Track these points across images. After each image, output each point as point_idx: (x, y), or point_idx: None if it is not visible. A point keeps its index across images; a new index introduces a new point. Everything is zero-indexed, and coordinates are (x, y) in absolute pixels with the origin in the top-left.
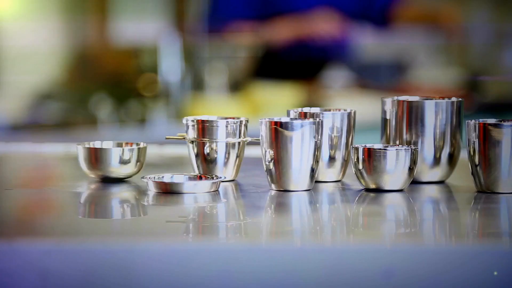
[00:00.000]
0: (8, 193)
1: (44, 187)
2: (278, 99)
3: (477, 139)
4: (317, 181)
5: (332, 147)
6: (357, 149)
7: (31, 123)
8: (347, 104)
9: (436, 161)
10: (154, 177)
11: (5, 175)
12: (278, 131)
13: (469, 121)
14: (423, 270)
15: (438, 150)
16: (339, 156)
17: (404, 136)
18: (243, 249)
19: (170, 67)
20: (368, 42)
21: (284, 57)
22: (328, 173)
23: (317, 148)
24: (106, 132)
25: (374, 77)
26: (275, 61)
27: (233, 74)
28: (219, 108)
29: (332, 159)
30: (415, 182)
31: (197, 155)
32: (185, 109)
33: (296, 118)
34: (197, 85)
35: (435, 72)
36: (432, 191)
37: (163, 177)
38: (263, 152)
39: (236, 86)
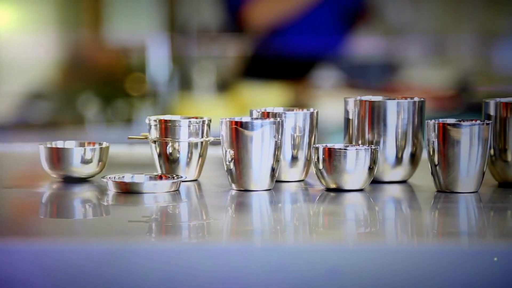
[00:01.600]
0: None
1: (4, 187)
2: (266, 99)
3: (436, 139)
4: (280, 181)
5: (294, 146)
6: (317, 148)
7: (20, 123)
8: (336, 104)
9: (398, 160)
10: (115, 177)
11: None
12: (238, 131)
13: (429, 121)
14: (383, 269)
15: (400, 149)
16: (302, 155)
17: (367, 136)
18: (204, 249)
19: (158, 67)
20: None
21: (274, 57)
22: (290, 173)
23: (278, 147)
24: (93, 131)
25: (364, 77)
26: (264, 61)
27: (221, 74)
28: (206, 108)
29: (294, 158)
30: (377, 182)
31: (159, 155)
32: (172, 109)
33: (257, 118)
34: (185, 85)
35: (425, 72)
36: (393, 191)
37: (123, 177)
38: (224, 152)
39: (224, 86)
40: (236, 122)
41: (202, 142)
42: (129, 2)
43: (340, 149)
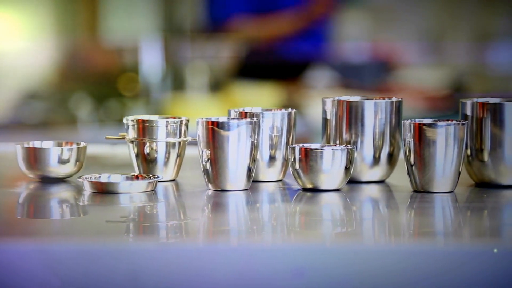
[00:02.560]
0: None
1: None
2: (259, 99)
3: (412, 139)
4: (258, 181)
5: (272, 146)
6: (293, 149)
7: (14, 123)
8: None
9: (376, 160)
10: (91, 177)
11: None
12: (214, 131)
13: (405, 121)
14: (359, 268)
15: (377, 149)
16: (280, 155)
17: (344, 136)
18: (179, 249)
19: (151, 67)
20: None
21: (267, 57)
22: (268, 173)
23: (254, 147)
24: (85, 131)
25: (358, 77)
26: (258, 61)
27: (215, 74)
28: (199, 108)
29: (272, 158)
30: (355, 182)
31: (137, 155)
32: (165, 109)
33: (234, 118)
34: (178, 85)
35: (419, 72)
36: (370, 191)
37: (100, 177)
38: (200, 152)
39: (217, 86)
40: (213, 122)
41: (180, 142)
42: (123, 3)
43: (316, 149)
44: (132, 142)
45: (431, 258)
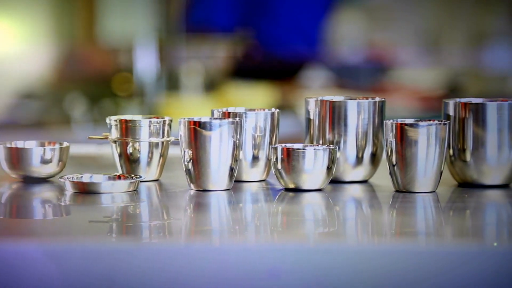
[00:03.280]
0: None
1: None
2: (253, 100)
3: (394, 139)
4: (241, 181)
5: (255, 146)
6: (276, 148)
7: (8, 123)
8: None
9: (359, 160)
10: (73, 177)
11: None
12: (196, 131)
13: (387, 121)
14: (340, 268)
15: (360, 149)
16: (263, 155)
17: (327, 136)
18: (162, 249)
19: (146, 67)
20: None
21: (263, 57)
22: (252, 173)
23: (236, 147)
24: (80, 131)
25: (353, 77)
26: (253, 61)
27: (210, 74)
28: (193, 108)
29: (255, 158)
30: (338, 182)
31: (120, 155)
32: (159, 109)
33: (216, 118)
34: (173, 84)
35: (414, 72)
36: (352, 191)
37: (81, 177)
38: (182, 152)
39: (212, 86)
40: (195, 122)
41: (163, 142)
42: (118, 4)
43: (298, 149)
44: (115, 142)
45: (412, 258)
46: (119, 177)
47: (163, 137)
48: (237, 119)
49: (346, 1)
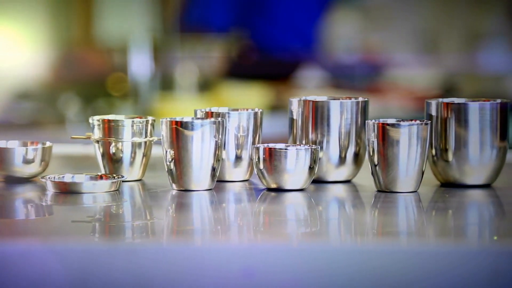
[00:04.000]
0: None
1: None
2: (247, 99)
3: (376, 139)
4: (224, 181)
5: (238, 146)
6: (258, 148)
7: (3, 123)
8: None
9: (342, 160)
10: (54, 177)
11: None
12: (178, 130)
13: (368, 121)
14: (320, 268)
15: (343, 149)
16: (246, 155)
17: (310, 136)
18: (144, 249)
19: (140, 66)
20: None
21: (259, 57)
22: (235, 173)
23: (218, 147)
24: (74, 131)
25: (348, 77)
26: (248, 61)
27: (204, 74)
28: (187, 108)
29: (238, 158)
30: (321, 182)
31: (103, 155)
32: (153, 109)
33: (198, 118)
34: (167, 85)
35: (410, 72)
36: (335, 190)
37: (63, 177)
38: (164, 152)
39: (206, 86)
40: (176, 122)
41: (145, 142)
42: (114, 3)
43: (280, 149)
44: (97, 142)
45: (394, 257)
46: (101, 177)
47: (146, 137)
48: (219, 119)
49: (341, 1)
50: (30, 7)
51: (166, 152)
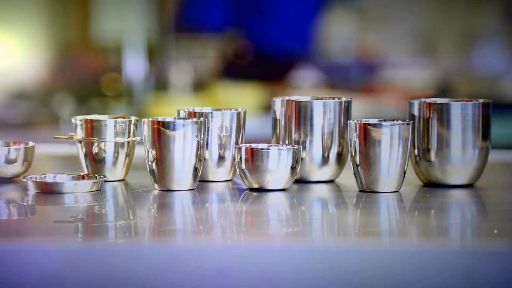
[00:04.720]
0: None
1: None
2: (242, 99)
3: (357, 139)
4: (207, 181)
5: (221, 146)
6: (240, 148)
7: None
8: None
9: (325, 160)
10: (36, 177)
11: None
12: (160, 130)
13: (350, 121)
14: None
15: (326, 149)
16: (229, 155)
17: (293, 136)
18: (126, 249)
19: (134, 66)
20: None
21: (254, 57)
22: (218, 173)
23: (200, 147)
24: (68, 131)
25: (344, 77)
26: (243, 61)
27: (199, 74)
28: (182, 108)
29: (221, 158)
30: (304, 182)
31: (86, 155)
32: (147, 109)
33: (180, 118)
34: (161, 84)
35: (406, 72)
36: (317, 191)
37: (45, 177)
38: (146, 152)
39: (201, 86)
40: (158, 122)
41: (128, 142)
42: (109, 3)
43: (262, 149)
44: (80, 142)
45: (376, 257)
46: (82, 177)
47: (129, 137)
48: (202, 119)
49: (338, 1)
50: (26, 8)
51: (148, 152)
